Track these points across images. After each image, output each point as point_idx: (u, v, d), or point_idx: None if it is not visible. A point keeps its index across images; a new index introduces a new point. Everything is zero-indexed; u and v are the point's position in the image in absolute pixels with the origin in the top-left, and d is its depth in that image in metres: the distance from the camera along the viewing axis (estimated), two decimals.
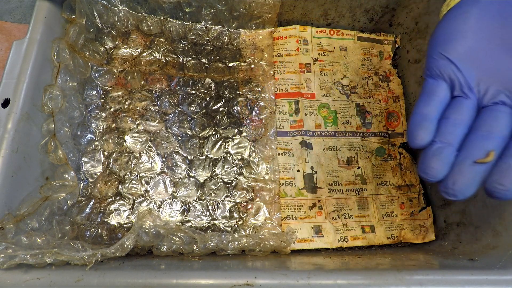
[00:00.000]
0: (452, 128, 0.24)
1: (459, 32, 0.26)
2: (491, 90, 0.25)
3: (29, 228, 0.30)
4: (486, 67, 0.25)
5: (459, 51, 0.25)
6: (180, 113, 0.42)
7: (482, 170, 0.22)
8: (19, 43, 0.33)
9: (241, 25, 0.46)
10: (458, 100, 0.25)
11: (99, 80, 0.41)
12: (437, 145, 0.24)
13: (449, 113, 0.25)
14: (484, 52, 0.25)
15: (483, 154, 0.22)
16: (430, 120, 0.25)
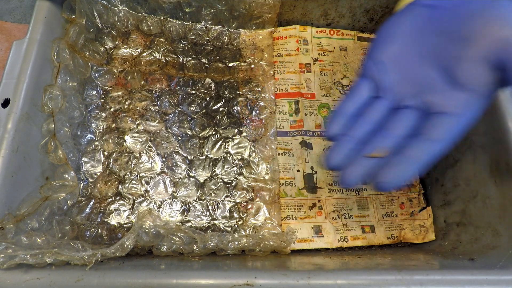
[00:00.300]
0: (360, 125, 0.26)
1: (390, 36, 0.27)
2: (404, 94, 0.26)
3: (29, 228, 0.30)
4: (403, 72, 0.27)
5: (386, 55, 0.27)
6: (180, 113, 0.42)
7: (369, 164, 0.24)
8: (19, 43, 0.33)
9: (241, 25, 0.46)
10: (375, 101, 0.27)
11: (99, 80, 0.41)
12: (342, 138, 0.26)
13: (364, 111, 0.27)
14: (405, 58, 0.27)
15: (377, 150, 0.25)
16: (344, 116, 0.27)
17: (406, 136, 0.25)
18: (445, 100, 0.25)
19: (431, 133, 0.24)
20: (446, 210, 0.39)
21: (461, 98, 0.24)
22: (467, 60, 0.24)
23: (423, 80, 0.26)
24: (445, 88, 0.25)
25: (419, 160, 0.23)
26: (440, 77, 0.25)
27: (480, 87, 0.24)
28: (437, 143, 0.24)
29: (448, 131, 0.24)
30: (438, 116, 0.25)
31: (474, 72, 0.24)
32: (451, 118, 0.24)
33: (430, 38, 0.26)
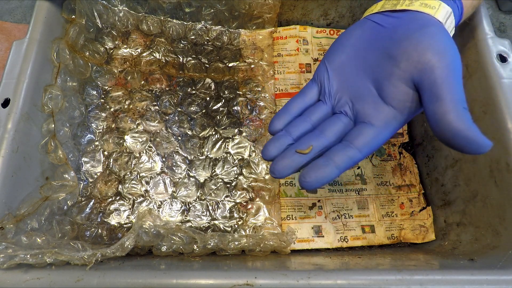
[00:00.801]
0: (299, 123, 0.28)
1: (341, 46, 0.30)
2: (342, 101, 0.28)
3: (29, 228, 0.30)
4: (345, 80, 0.29)
5: (335, 63, 0.29)
6: (180, 113, 0.42)
7: (299, 160, 0.26)
8: (19, 43, 0.33)
9: (241, 25, 0.46)
10: (318, 104, 0.29)
11: (99, 80, 0.41)
12: (281, 133, 0.28)
13: (305, 112, 0.29)
14: (349, 67, 0.29)
15: (306, 147, 0.26)
16: (288, 114, 0.29)
17: (336, 139, 0.27)
18: (372, 112, 0.26)
19: (354, 141, 0.26)
20: (446, 210, 0.39)
21: (385, 112, 0.26)
22: (393, 78, 0.26)
23: (358, 91, 0.28)
24: (374, 101, 0.27)
25: (340, 164, 0.25)
26: (371, 90, 0.27)
27: (402, 104, 0.25)
28: (357, 151, 0.25)
29: (369, 141, 0.25)
30: (364, 126, 0.26)
31: (397, 89, 0.25)
32: (374, 130, 0.26)
33: (370, 52, 0.28)
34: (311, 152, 0.26)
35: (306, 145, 0.26)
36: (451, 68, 0.23)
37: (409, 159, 0.44)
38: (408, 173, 0.43)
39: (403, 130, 0.45)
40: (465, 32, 0.36)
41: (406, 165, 0.43)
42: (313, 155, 0.26)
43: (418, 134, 0.44)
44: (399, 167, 0.43)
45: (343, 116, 0.28)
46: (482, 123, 0.34)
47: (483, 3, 0.35)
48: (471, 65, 0.35)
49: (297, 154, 0.26)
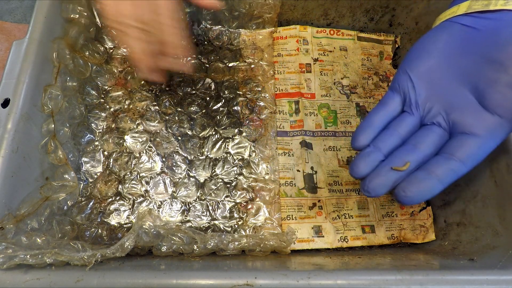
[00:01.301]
0: (387, 138, 0.27)
1: (426, 52, 0.28)
2: (433, 111, 0.27)
3: (29, 228, 0.30)
4: (436, 88, 0.27)
5: (420, 70, 0.27)
6: (180, 113, 0.42)
7: (395, 176, 0.25)
8: (19, 43, 0.33)
9: (241, 25, 0.46)
10: (404, 115, 0.28)
11: (99, 80, 0.41)
12: (369, 149, 0.27)
13: (391, 125, 0.28)
14: (439, 74, 0.27)
15: (401, 163, 0.25)
16: (372, 127, 0.27)
17: (431, 153, 0.26)
18: (473, 121, 0.25)
19: (456, 153, 0.24)
20: (446, 210, 0.39)
21: (489, 121, 0.24)
22: (500, 84, 0.24)
23: (453, 99, 0.26)
24: (475, 109, 0.25)
25: (443, 178, 0.24)
26: (470, 98, 0.25)
27: (510, 112, 0.24)
28: (461, 164, 0.24)
29: (473, 152, 0.24)
30: (465, 137, 0.25)
31: (505, 96, 0.24)
32: (477, 140, 0.24)
33: (465, 58, 0.26)
34: (408, 168, 0.25)
35: (401, 161, 0.25)
36: None
37: None
38: None
39: None
40: None
41: None
42: (410, 171, 0.25)
43: None
44: None
45: (436, 127, 0.26)
46: None
47: None
48: None
49: (392, 171, 0.25)
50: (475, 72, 0.25)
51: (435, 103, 0.27)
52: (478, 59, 0.25)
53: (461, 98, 0.26)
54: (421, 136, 0.26)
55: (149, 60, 0.32)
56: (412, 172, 0.25)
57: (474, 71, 0.25)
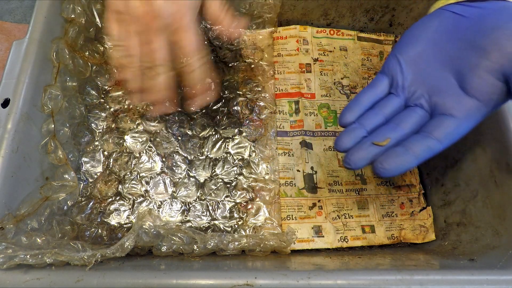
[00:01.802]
0: (372, 116, 0.29)
1: (416, 38, 0.29)
2: (417, 93, 0.28)
3: (29, 228, 0.30)
4: (421, 73, 0.28)
5: (409, 55, 0.29)
6: (180, 113, 0.42)
7: (375, 151, 0.27)
8: (19, 43, 0.33)
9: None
10: (390, 96, 0.29)
11: (99, 80, 0.41)
12: (354, 126, 0.28)
13: (378, 105, 0.29)
14: (426, 60, 0.28)
15: (382, 140, 0.27)
16: (359, 106, 0.29)
17: (411, 132, 0.27)
18: (453, 103, 0.26)
19: (434, 132, 0.26)
20: (446, 210, 0.39)
21: (467, 104, 0.26)
22: (480, 69, 0.25)
23: (437, 83, 0.27)
24: (455, 93, 0.26)
25: (419, 154, 0.25)
26: (452, 82, 0.27)
27: (487, 96, 0.25)
28: (437, 142, 0.25)
29: (450, 133, 0.26)
30: (444, 117, 0.26)
31: (484, 81, 0.25)
32: (455, 121, 0.26)
33: (452, 44, 0.27)
34: (388, 144, 0.27)
35: (382, 137, 0.27)
36: None
37: None
38: (408, 173, 0.43)
39: None
40: None
41: None
42: (389, 147, 0.27)
43: None
44: None
45: (419, 109, 0.28)
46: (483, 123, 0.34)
47: None
48: None
49: (373, 146, 0.27)
50: (460, 57, 0.27)
51: (419, 86, 0.28)
52: (464, 45, 0.26)
53: (444, 82, 0.27)
54: (403, 116, 0.28)
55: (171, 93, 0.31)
56: (391, 148, 0.26)
57: (458, 57, 0.27)
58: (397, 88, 0.29)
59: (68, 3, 0.37)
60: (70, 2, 0.37)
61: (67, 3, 0.37)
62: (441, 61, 0.28)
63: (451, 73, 0.27)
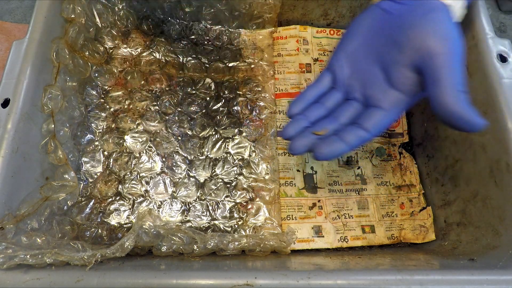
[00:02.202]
0: (315, 109, 0.31)
1: (352, 34, 0.31)
2: (353, 87, 0.31)
3: (29, 228, 0.30)
4: (357, 67, 0.31)
5: (347, 51, 0.31)
6: (180, 113, 0.42)
7: (314, 139, 0.29)
8: (19, 43, 0.33)
9: (241, 25, 0.46)
10: (332, 91, 0.32)
11: (99, 80, 0.41)
12: (299, 117, 0.31)
13: (321, 99, 0.32)
14: (361, 55, 0.30)
15: (321, 130, 0.30)
16: (304, 100, 0.32)
17: (348, 123, 0.30)
18: (381, 96, 0.28)
19: (364, 123, 0.28)
20: (446, 210, 0.39)
21: (393, 97, 0.28)
22: (399, 64, 0.27)
23: (368, 77, 0.30)
24: (383, 86, 0.29)
25: (350, 142, 0.28)
26: (380, 76, 0.29)
27: (408, 88, 0.27)
28: (367, 132, 0.28)
29: (377, 123, 0.28)
30: (373, 109, 0.29)
31: (403, 75, 0.27)
32: (382, 113, 0.28)
33: (378, 40, 0.29)
34: (326, 134, 0.29)
35: (321, 128, 0.30)
36: (451, 53, 0.25)
37: (409, 159, 0.44)
38: (408, 173, 0.43)
39: (403, 130, 0.45)
40: (465, 32, 0.36)
41: (406, 165, 0.43)
42: (327, 136, 0.29)
43: (418, 134, 0.44)
44: (399, 167, 0.43)
45: (355, 102, 0.30)
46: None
47: (483, 3, 0.35)
48: (471, 65, 0.35)
49: (313, 135, 0.29)
50: (385, 53, 0.29)
51: (355, 81, 0.31)
52: (388, 41, 0.28)
53: (374, 76, 0.29)
54: (341, 109, 0.31)
55: None
56: (328, 137, 0.29)
57: (383, 52, 0.29)
58: (338, 83, 0.31)
59: (68, 3, 0.37)
60: (70, 2, 0.37)
61: (67, 3, 0.37)
62: (371, 56, 0.30)
63: (379, 67, 0.29)
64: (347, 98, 0.31)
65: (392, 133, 0.45)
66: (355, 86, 0.30)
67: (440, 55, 0.25)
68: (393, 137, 0.45)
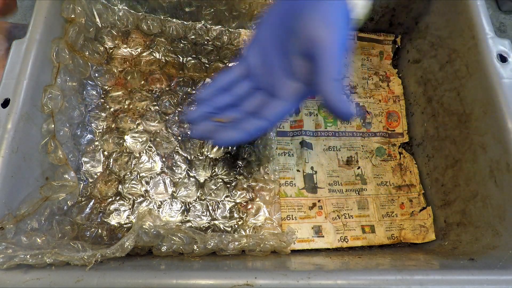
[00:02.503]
0: (223, 97, 0.31)
1: (262, 24, 0.31)
2: (261, 77, 0.31)
3: (29, 228, 0.30)
4: (263, 58, 0.31)
5: (258, 41, 0.31)
6: (180, 113, 0.42)
7: (214, 125, 0.30)
8: (19, 43, 0.33)
9: (241, 25, 0.46)
10: (243, 79, 0.32)
11: (99, 80, 0.41)
12: (205, 103, 0.31)
13: (231, 86, 0.32)
14: (267, 45, 0.30)
15: (224, 117, 0.30)
16: (214, 88, 0.32)
17: (251, 111, 0.30)
18: (280, 86, 0.29)
19: (264, 112, 0.29)
20: (446, 210, 0.39)
21: (291, 86, 0.28)
22: (294, 52, 0.28)
23: (271, 67, 0.30)
24: (281, 75, 0.29)
25: (249, 131, 0.28)
26: (281, 65, 0.29)
27: (304, 77, 0.28)
28: (264, 121, 0.29)
29: (277, 113, 0.29)
30: (273, 99, 0.29)
31: (298, 64, 0.28)
32: (281, 103, 0.29)
33: (280, 30, 0.29)
34: (228, 122, 0.30)
35: (225, 116, 0.30)
36: (332, 42, 0.25)
37: (409, 159, 0.44)
38: (408, 173, 0.43)
39: (403, 130, 0.45)
40: (465, 32, 0.36)
41: (406, 165, 0.43)
42: (228, 124, 0.30)
43: (418, 134, 0.44)
44: (399, 167, 0.43)
45: (261, 91, 0.31)
46: (482, 123, 0.34)
47: (483, 3, 0.35)
48: (471, 65, 0.35)
49: (215, 121, 0.30)
50: (284, 42, 0.29)
51: (263, 70, 0.31)
52: (287, 30, 0.28)
53: (276, 66, 0.30)
54: (248, 98, 0.31)
55: None
56: (230, 124, 0.30)
57: (284, 41, 0.29)
58: (250, 72, 0.32)
59: (68, 3, 0.37)
60: (70, 2, 0.37)
61: (67, 3, 0.37)
62: (275, 47, 0.30)
63: (281, 57, 0.29)
64: (256, 87, 0.31)
65: (392, 133, 0.45)
66: (263, 76, 0.31)
67: (322, 42, 0.25)
68: (393, 137, 0.45)
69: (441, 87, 0.40)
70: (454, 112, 0.38)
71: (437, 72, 0.41)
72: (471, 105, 0.35)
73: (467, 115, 0.36)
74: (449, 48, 0.39)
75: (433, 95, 0.41)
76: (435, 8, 0.42)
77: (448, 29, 0.39)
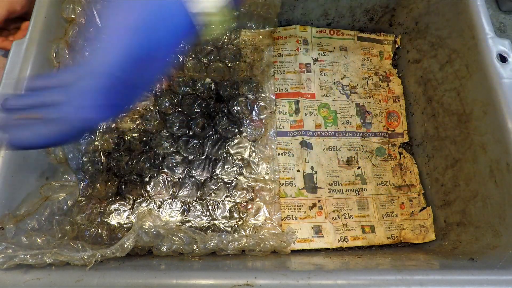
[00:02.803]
0: (32, 98, 0.27)
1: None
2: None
3: (29, 228, 0.30)
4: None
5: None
6: (180, 113, 0.42)
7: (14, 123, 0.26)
8: (19, 43, 0.33)
9: (241, 25, 0.46)
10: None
11: None
12: (11, 99, 0.27)
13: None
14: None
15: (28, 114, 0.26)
16: (29, 87, 0.28)
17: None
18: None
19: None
20: (446, 210, 0.39)
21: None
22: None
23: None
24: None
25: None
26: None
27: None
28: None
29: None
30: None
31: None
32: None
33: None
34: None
35: (32, 113, 0.26)
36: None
37: (409, 159, 0.44)
38: (408, 173, 0.43)
39: (403, 130, 0.45)
40: (465, 32, 0.36)
41: (406, 165, 0.43)
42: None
43: (418, 134, 0.44)
44: (399, 167, 0.43)
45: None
46: (482, 123, 0.34)
47: (483, 3, 0.35)
48: (471, 65, 0.35)
49: (16, 120, 0.26)
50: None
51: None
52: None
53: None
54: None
55: None
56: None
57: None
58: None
59: (68, 3, 0.37)
60: (70, 2, 0.37)
61: (67, 3, 0.37)
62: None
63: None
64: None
65: (392, 133, 0.45)
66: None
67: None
68: (393, 137, 0.45)
69: (441, 87, 0.40)
70: (454, 112, 0.38)
71: (437, 72, 0.41)
72: (471, 105, 0.35)
73: (467, 115, 0.36)
74: (449, 48, 0.39)
75: (433, 95, 0.41)
76: (435, 8, 0.42)
77: (448, 29, 0.39)
